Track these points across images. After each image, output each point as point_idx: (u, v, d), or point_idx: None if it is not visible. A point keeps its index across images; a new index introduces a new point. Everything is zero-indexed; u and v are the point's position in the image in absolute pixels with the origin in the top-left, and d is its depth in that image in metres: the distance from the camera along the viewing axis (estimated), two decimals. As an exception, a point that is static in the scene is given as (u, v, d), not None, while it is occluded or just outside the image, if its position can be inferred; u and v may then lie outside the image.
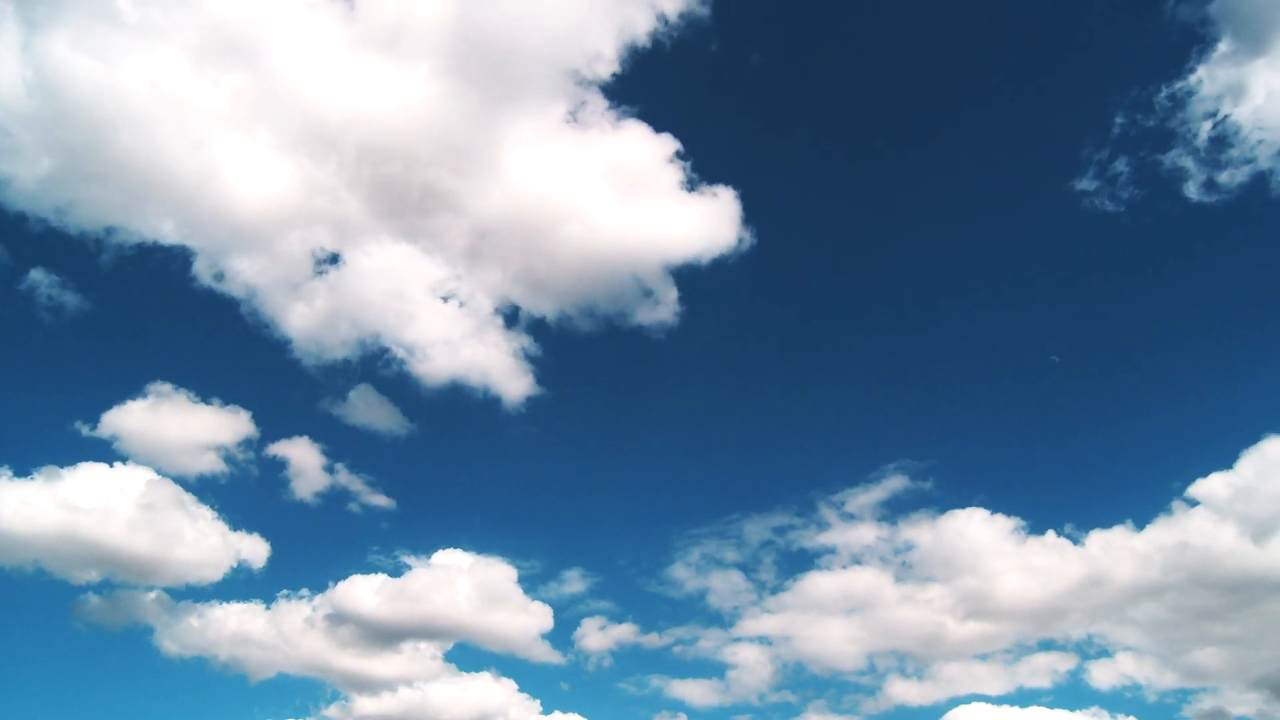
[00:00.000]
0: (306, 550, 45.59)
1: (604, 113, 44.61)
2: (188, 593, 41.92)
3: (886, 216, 50.50)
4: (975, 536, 43.59)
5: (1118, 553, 42.73)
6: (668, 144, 44.92)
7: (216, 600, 42.25)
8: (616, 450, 50.63)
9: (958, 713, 42.83)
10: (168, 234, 41.78)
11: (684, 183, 45.08)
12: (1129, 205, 44.91)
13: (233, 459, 43.31)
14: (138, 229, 41.69)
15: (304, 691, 43.00)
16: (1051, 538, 43.96)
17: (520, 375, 46.28)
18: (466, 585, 43.81)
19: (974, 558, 43.55)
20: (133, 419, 41.50)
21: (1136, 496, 44.41)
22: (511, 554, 45.35)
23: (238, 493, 43.58)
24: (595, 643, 45.77)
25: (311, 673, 42.72)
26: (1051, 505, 46.32)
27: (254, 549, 43.10)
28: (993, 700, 43.25)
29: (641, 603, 46.91)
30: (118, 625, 41.43)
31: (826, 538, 46.70)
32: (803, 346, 50.74)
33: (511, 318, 46.31)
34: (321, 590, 43.62)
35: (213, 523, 42.09)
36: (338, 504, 44.81)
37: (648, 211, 45.25)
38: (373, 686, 42.58)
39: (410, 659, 43.44)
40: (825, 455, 49.36)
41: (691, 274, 45.89)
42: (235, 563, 42.45)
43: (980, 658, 44.88)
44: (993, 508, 44.54)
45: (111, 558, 40.22)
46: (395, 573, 44.60)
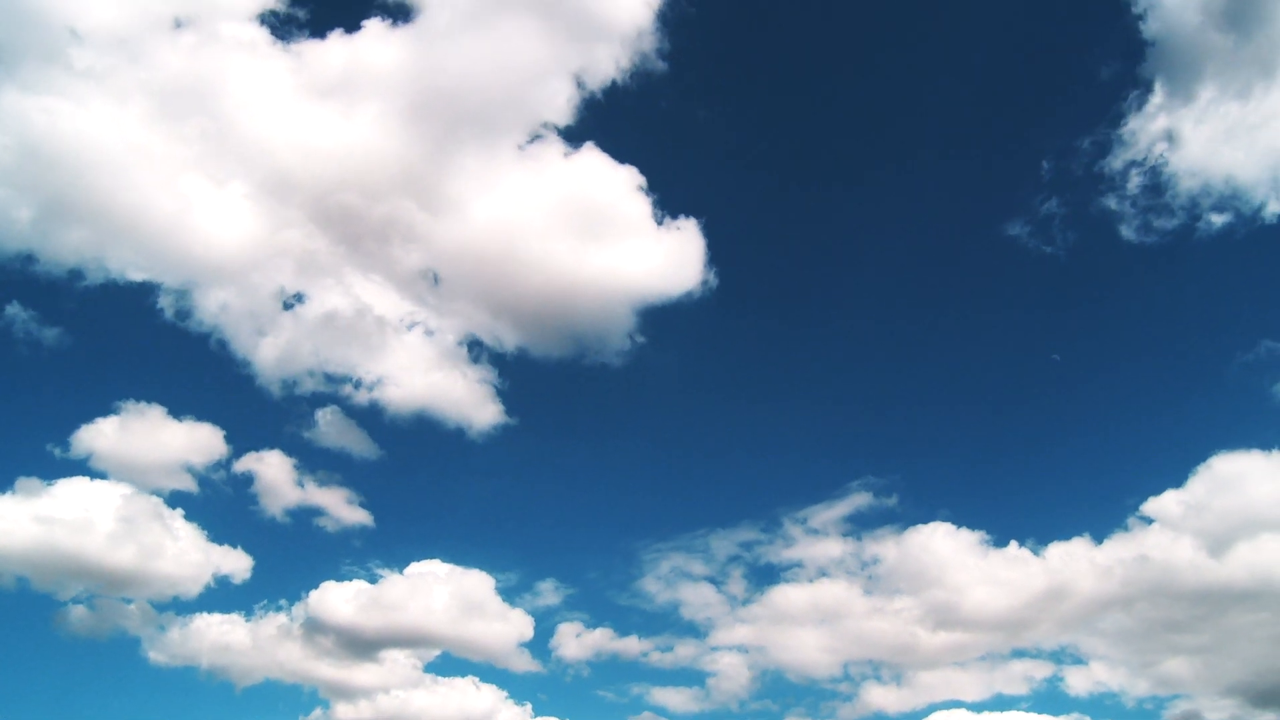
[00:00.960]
0: (285, 562, 46.28)
1: (563, 149, 45.69)
2: (171, 605, 42.75)
3: (844, 249, 52.21)
4: (940, 549, 44.31)
5: (1080, 565, 43.61)
6: (628, 179, 46.02)
7: (199, 612, 43.08)
8: (583, 471, 51.80)
9: (937, 717, 43.69)
10: (135, 271, 42.95)
11: (647, 216, 46.16)
12: (1073, 244, 47.31)
13: (207, 475, 44.20)
14: (107, 267, 42.71)
15: (288, 698, 43.86)
16: (1014, 549, 44.90)
17: (487, 404, 47.13)
18: (445, 595, 44.58)
19: (941, 570, 44.30)
20: (107, 437, 42.44)
21: (1095, 514, 45.63)
22: (488, 566, 46.15)
23: (214, 507, 44.46)
24: (573, 651, 46.63)
25: (295, 680, 43.53)
26: (1014, 520, 47.61)
27: (233, 561, 43.92)
28: (971, 707, 44.08)
29: (616, 614, 47.88)
30: (103, 636, 42.28)
31: (792, 552, 47.71)
32: (765, 372, 52.14)
33: (477, 349, 47.26)
34: (302, 601, 44.43)
35: (191, 536, 43.00)
36: (314, 517, 45.55)
37: (609, 245, 46.29)
38: (354, 694, 43.32)
39: (389, 667, 44.23)
40: (789, 474, 50.74)
41: (655, 304, 47.04)
42: (215, 575, 43.40)
43: (956, 665, 45.71)
44: (957, 521, 45.50)
45: (93, 571, 41.05)
46: (373, 583, 45.35)
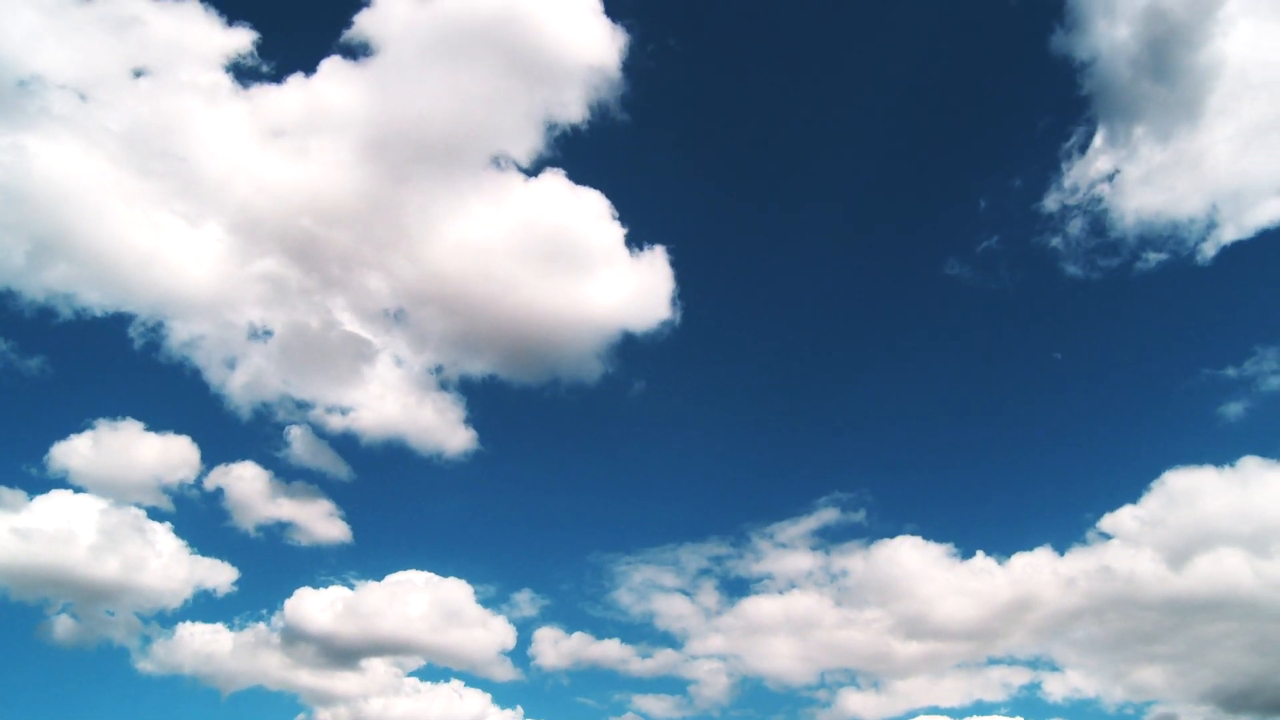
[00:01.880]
0: (266, 572, 46.77)
1: (527, 179, 46.45)
2: (155, 615, 43.48)
3: (805, 276, 53.54)
4: (908, 562, 45.04)
5: (1044, 577, 44.45)
6: (594, 208, 46.83)
7: (183, 621, 43.75)
8: (552, 490, 52.79)
9: (919, 722, 44.46)
10: (107, 304, 43.74)
11: (615, 244, 46.88)
12: (1022, 279, 49.38)
13: (186, 488, 44.77)
14: (81, 301, 43.38)
15: (273, 705, 44.50)
16: (981, 561, 45.62)
17: (458, 430, 47.86)
18: (426, 604, 45.25)
19: (911, 581, 45.05)
20: (83, 453, 43.04)
21: (1057, 528, 46.46)
22: (466, 576, 46.77)
23: (194, 519, 45.01)
24: (552, 660, 47.24)
25: (279, 687, 44.13)
26: (979, 533, 49.16)
27: (215, 572, 44.58)
28: (951, 713, 44.90)
29: (593, 624, 48.45)
30: (89, 646, 42.90)
31: (761, 566, 48.59)
32: (730, 396, 53.08)
33: (447, 377, 48.06)
34: (284, 610, 44.91)
35: (172, 547, 43.65)
36: (293, 528, 46.12)
37: (576, 273, 46.84)
38: (338, 701, 43.98)
39: (371, 675, 44.91)
40: (757, 492, 51.72)
41: (625, 331, 47.79)
42: (197, 585, 44.09)
43: (932, 674, 46.40)
44: (925, 535, 46.39)
45: (76, 582, 41.62)
46: (352, 591, 45.90)
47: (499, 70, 43.76)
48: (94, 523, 41.57)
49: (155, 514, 43.79)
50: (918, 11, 49.63)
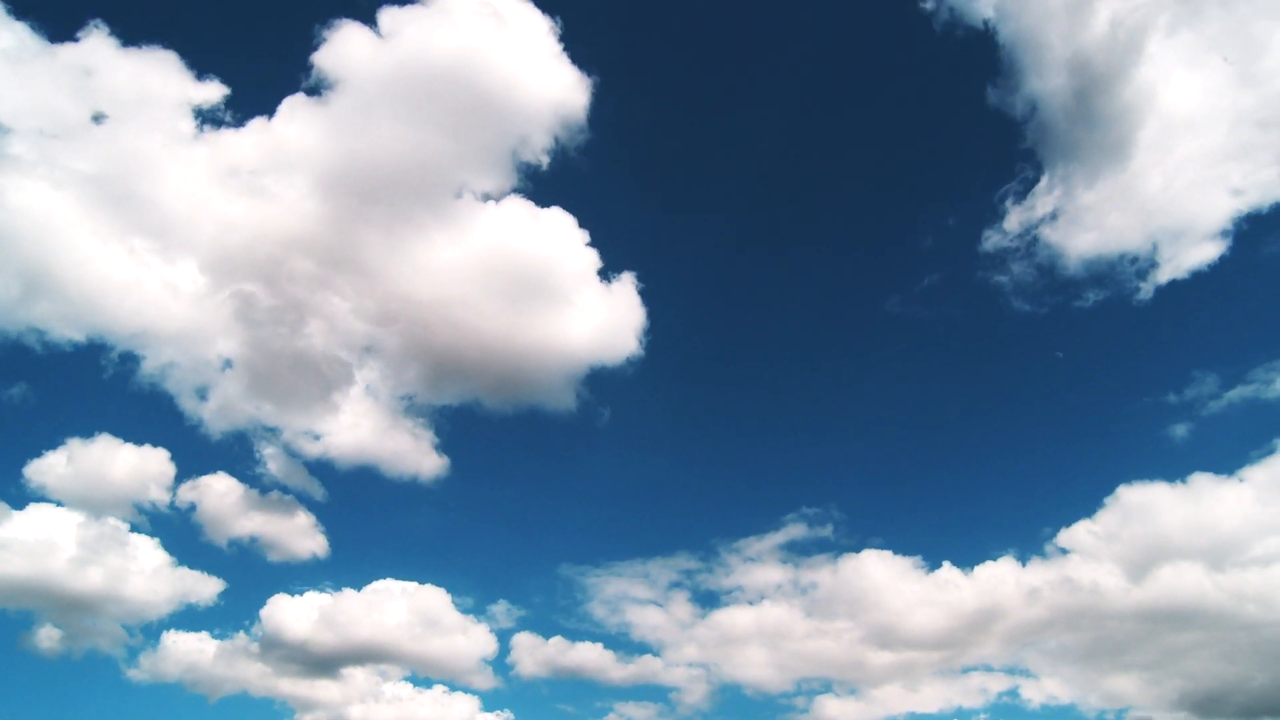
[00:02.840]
0: (249, 583, 47.48)
1: (494, 211, 47.38)
2: (140, 624, 44.41)
3: (769, 305, 56.12)
4: (876, 573, 45.79)
5: (1009, 588, 45.40)
6: (563, 241, 47.82)
7: (169, 630, 44.73)
8: (523, 508, 53.89)
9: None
10: (79, 335, 44.59)
11: (585, 275, 47.96)
12: (972, 310, 51.92)
13: (167, 500, 45.53)
14: (56, 332, 44.31)
15: (259, 712, 45.32)
16: (946, 572, 46.63)
17: (430, 455, 48.94)
18: (407, 613, 46.33)
19: (880, 592, 45.86)
20: (64, 467, 43.87)
21: (1020, 542, 47.56)
22: (445, 586, 47.63)
23: (175, 531, 45.82)
24: (531, 669, 48.03)
25: (264, 694, 44.97)
26: (945, 545, 49.43)
27: (198, 583, 45.45)
28: (931, 718, 45.88)
29: (570, 634, 49.25)
30: (77, 655, 43.82)
31: (731, 579, 49.68)
32: (697, 419, 55.49)
33: (418, 405, 49.21)
34: (267, 619, 45.80)
35: (155, 558, 44.53)
36: (273, 541, 46.87)
37: (544, 302, 47.82)
38: (322, 708, 45.00)
39: (353, 682, 45.84)
40: (724, 509, 53.38)
41: (593, 365, 49.11)
42: (181, 595, 44.98)
43: (908, 681, 47.16)
44: (891, 548, 47.66)
45: (60, 593, 42.50)
46: (333, 602, 46.73)
47: (464, 105, 44.66)
48: (75, 535, 42.54)
49: (136, 526, 44.77)
50: (865, 66, 53.40)
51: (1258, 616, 42.50)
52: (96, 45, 43.66)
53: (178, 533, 45.58)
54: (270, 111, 45.69)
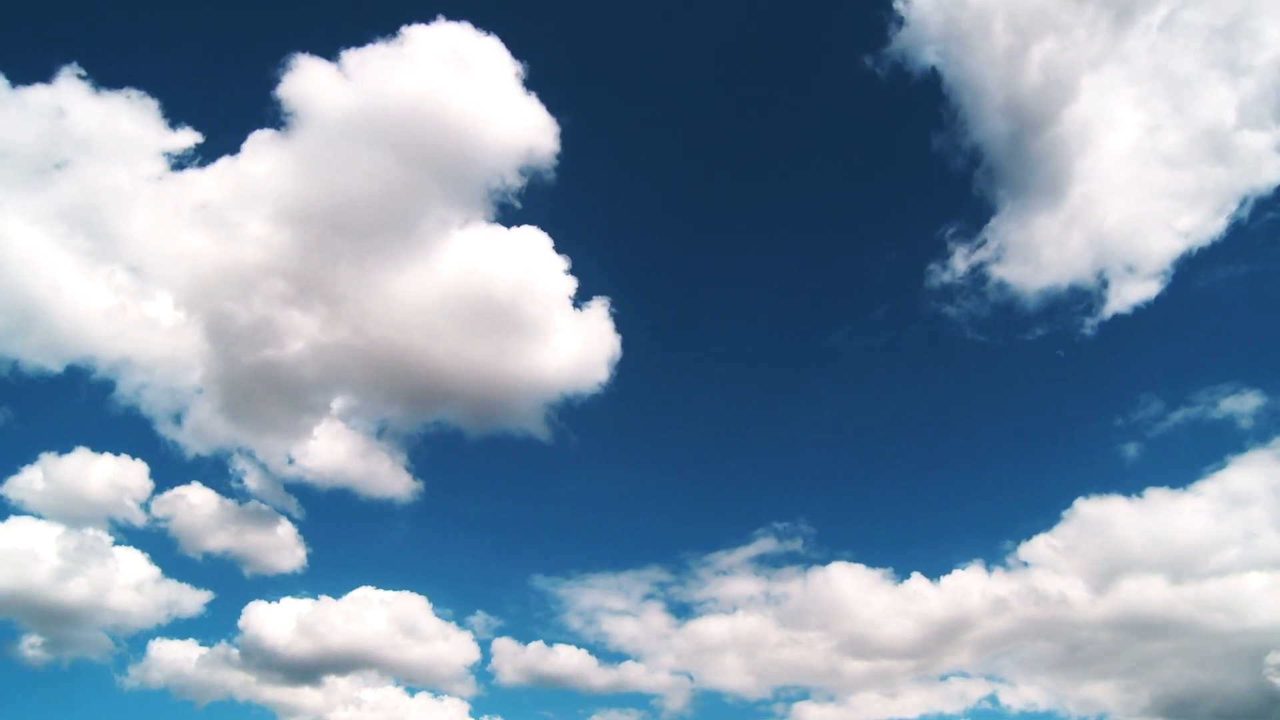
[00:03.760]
0: (233, 593, 48.18)
1: (462, 242, 48.13)
2: (124, 633, 45.38)
3: (737, 329, 58.47)
4: (846, 585, 46.38)
5: (976, 599, 46.15)
6: (534, 271, 48.58)
7: (155, 639, 45.73)
8: (494, 525, 55.75)
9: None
10: (56, 364, 45.66)
11: (558, 301, 48.93)
12: (935, 340, 54.49)
13: (147, 512, 46.30)
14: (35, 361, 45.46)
15: (245, 717, 46.31)
16: (915, 584, 47.44)
17: (402, 477, 50.27)
18: (392, 623, 47.08)
19: (851, 603, 46.51)
20: (42, 482, 44.66)
21: (985, 553, 48.68)
22: (426, 595, 48.35)
23: (157, 543, 46.55)
24: (512, 677, 48.95)
25: (249, 700, 45.90)
26: (912, 557, 51.52)
27: (181, 593, 46.40)
28: None
29: (548, 645, 50.12)
30: (65, 663, 44.71)
31: (704, 591, 50.75)
32: (666, 439, 57.82)
33: (391, 431, 50.43)
34: (251, 628, 46.43)
35: (139, 569, 45.33)
36: (254, 552, 47.70)
37: (517, 330, 48.64)
38: (306, 714, 45.72)
39: (334, 689, 46.46)
40: (695, 525, 55.00)
41: (565, 390, 50.23)
42: (164, 606, 45.81)
43: (884, 688, 47.75)
44: (860, 561, 48.77)
45: (43, 604, 43.21)
46: (317, 611, 47.32)
47: (430, 137, 45.32)
48: (56, 547, 43.19)
49: (118, 538, 45.56)
50: (819, 111, 56.74)
51: (1227, 625, 43.28)
52: (69, 88, 44.87)
53: (157, 544, 46.46)
54: (239, 148, 46.73)
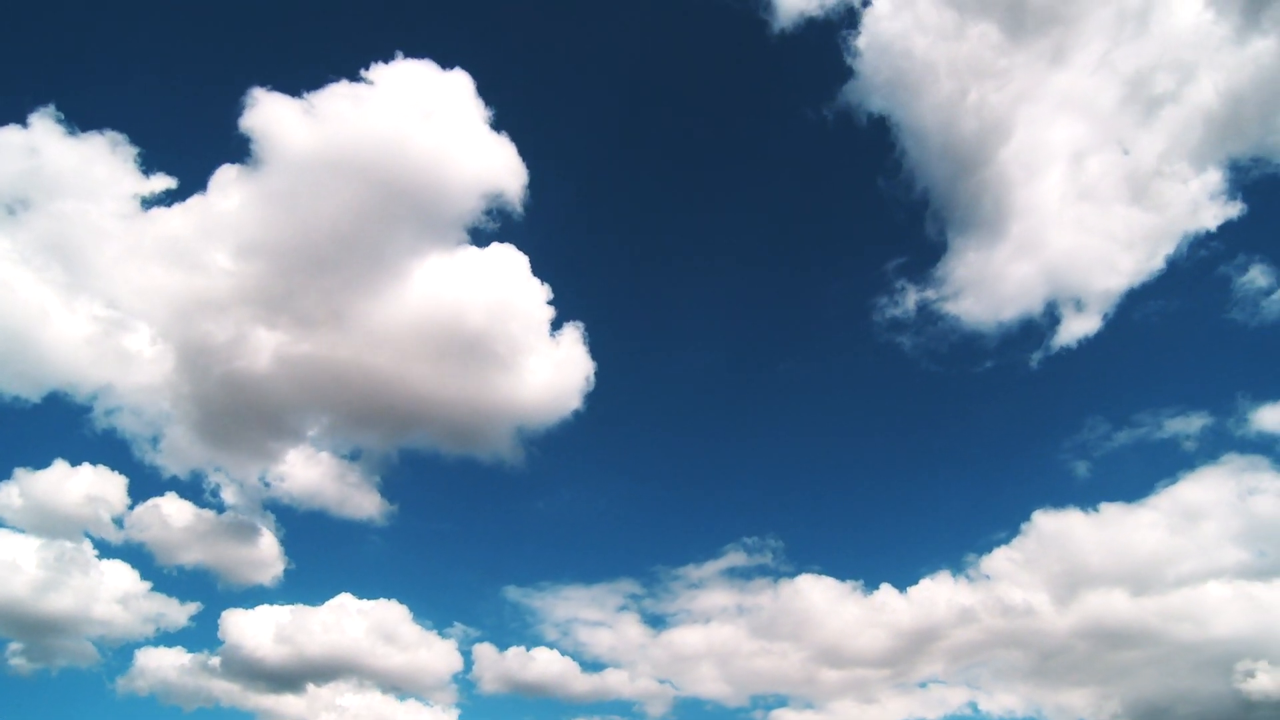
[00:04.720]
0: (214, 603, 48.71)
1: (431, 270, 48.59)
2: (110, 643, 46.06)
3: (704, 354, 59.97)
4: (816, 597, 47.04)
5: (943, 611, 46.92)
6: (506, 299, 49.02)
7: (140, 648, 46.31)
8: (465, 540, 56.68)
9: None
10: (35, 393, 46.32)
11: (528, 331, 49.45)
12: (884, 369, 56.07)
13: (131, 521, 47.02)
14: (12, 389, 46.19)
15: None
16: (884, 594, 48.25)
17: (373, 498, 50.93)
18: (377, 632, 47.97)
19: (822, 614, 47.24)
20: (18, 496, 45.43)
21: (950, 564, 49.62)
22: (408, 604, 49.08)
23: (139, 554, 47.13)
24: (493, 686, 49.38)
25: (234, 707, 46.56)
26: (880, 569, 53.19)
27: (165, 605, 47.08)
28: None
29: (527, 653, 50.39)
30: (54, 671, 45.42)
31: (676, 604, 51.66)
32: (636, 461, 58.63)
33: (364, 456, 51.15)
34: (237, 636, 47.15)
35: (122, 579, 46.15)
36: (234, 563, 48.34)
37: (489, 358, 49.09)
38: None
39: (316, 698, 47.11)
40: (666, 540, 55.75)
41: (537, 417, 51.08)
42: (147, 615, 46.47)
43: (861, 696, 48.42)
44: (832, 574, 49.71)
45: (27, 615, 43.97)
46: (296, 619, 48.00)
47: (396, 171, 46.09)
48: (36, 559, 43.97)
49: (99, 550, 46.23)
50: (777, 157, 58.78)
51: (1194, 635, 44.02)
52: (45, 129, 45.89)
53: (136, 555, 47.11)
54: (208, 185, 47.37)
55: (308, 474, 50.40)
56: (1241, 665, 42.34)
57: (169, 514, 47.23)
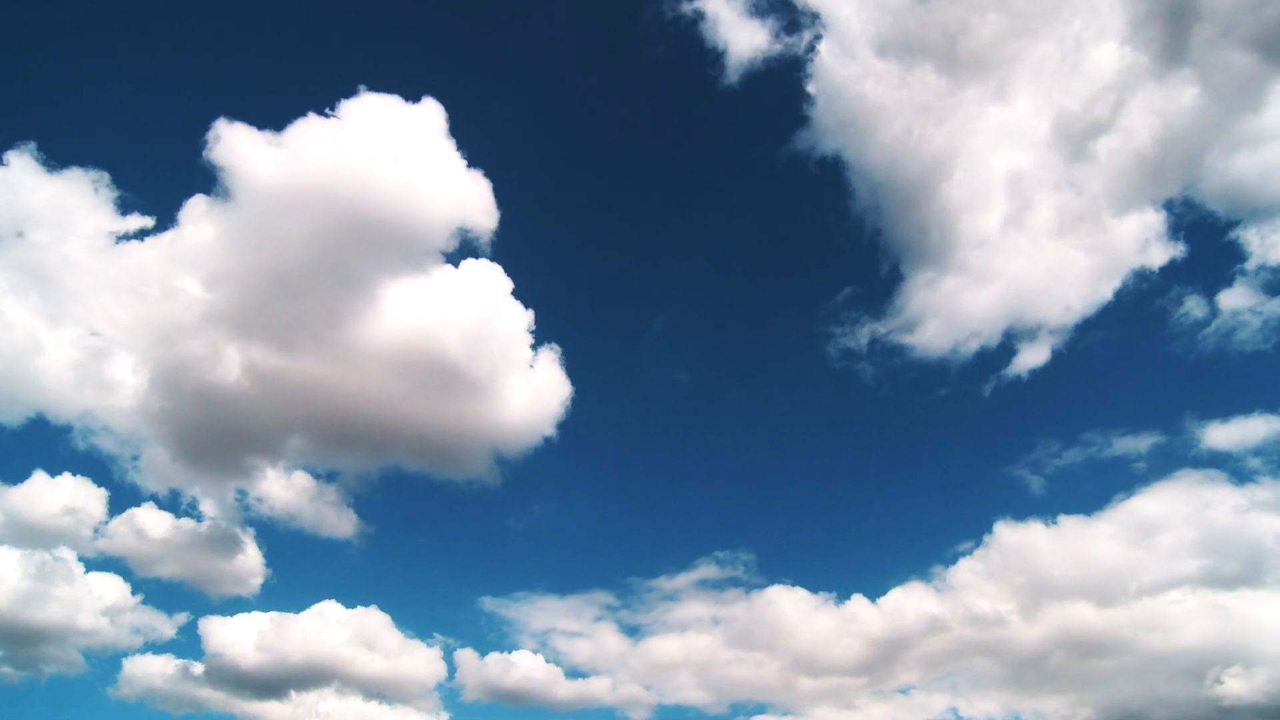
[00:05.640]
0: (200, 612, 49.23)
1: (407, 294, 49.16)
2: (96, 652, 46.77)
3: (679, 373, 60.60)
4: (789, 606, 47.58)
5: (911, 620, 47.71)
6: (481, 322, 49.74)
7: (126, 657, 46.93)
8: (437, 552, 57.42)
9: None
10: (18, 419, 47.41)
11: (505, 353, 50.11)
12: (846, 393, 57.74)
13: (117, 529, 47.56)
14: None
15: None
16: (856, 604, 49.00)
17: (352, 522, 51.75)
18: (363, 641, 48.63)
19: (796, 624, 47.81)
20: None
21: (918, 573, 50.70)
22: (390, 614, 49.68)
23: (117, 565, 47.75)
24: (476, 693, 49.83)
25: (218, 712, 47.26)
26: (851, 580, 53.93)
27: (152, 617, 47.81)
28: None
29: (506, 661, 50.83)
30: (42, 680, 46.19)
31: (651, 615, 52.36)
32: (609, 477, 59.59)
33: (336, 477, 51.93)
34: (220, 646, 47.82)
35: (109, 589, 46.80)
36: (215, 573, 48.85)
37: (467, 382, 49.60)
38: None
39: (300, 706, 47.61)
40: (639, 553, 56.71)
41: (513, 439, 51.93)
42: (134, 625, 47.21)
43: (839, 702, 48.93)
44: (805, 585, 50.38)
45: (13, 625, 44.65)
46: (285, 625, 48.66)
47: (368, 199, 46.88)
48: (19, 570, 44.61)
49: (79, 561, 46.84)
50: (732, 190, 61.55)
51: (1162, 644, 44.54)
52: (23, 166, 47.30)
53: (115, 566, 47.72)
54: (180, 218, 48.36)
55: (284, 495, 51.33)
56: (1212, 671, 42.90)
57: (147, 525, 47.83)
